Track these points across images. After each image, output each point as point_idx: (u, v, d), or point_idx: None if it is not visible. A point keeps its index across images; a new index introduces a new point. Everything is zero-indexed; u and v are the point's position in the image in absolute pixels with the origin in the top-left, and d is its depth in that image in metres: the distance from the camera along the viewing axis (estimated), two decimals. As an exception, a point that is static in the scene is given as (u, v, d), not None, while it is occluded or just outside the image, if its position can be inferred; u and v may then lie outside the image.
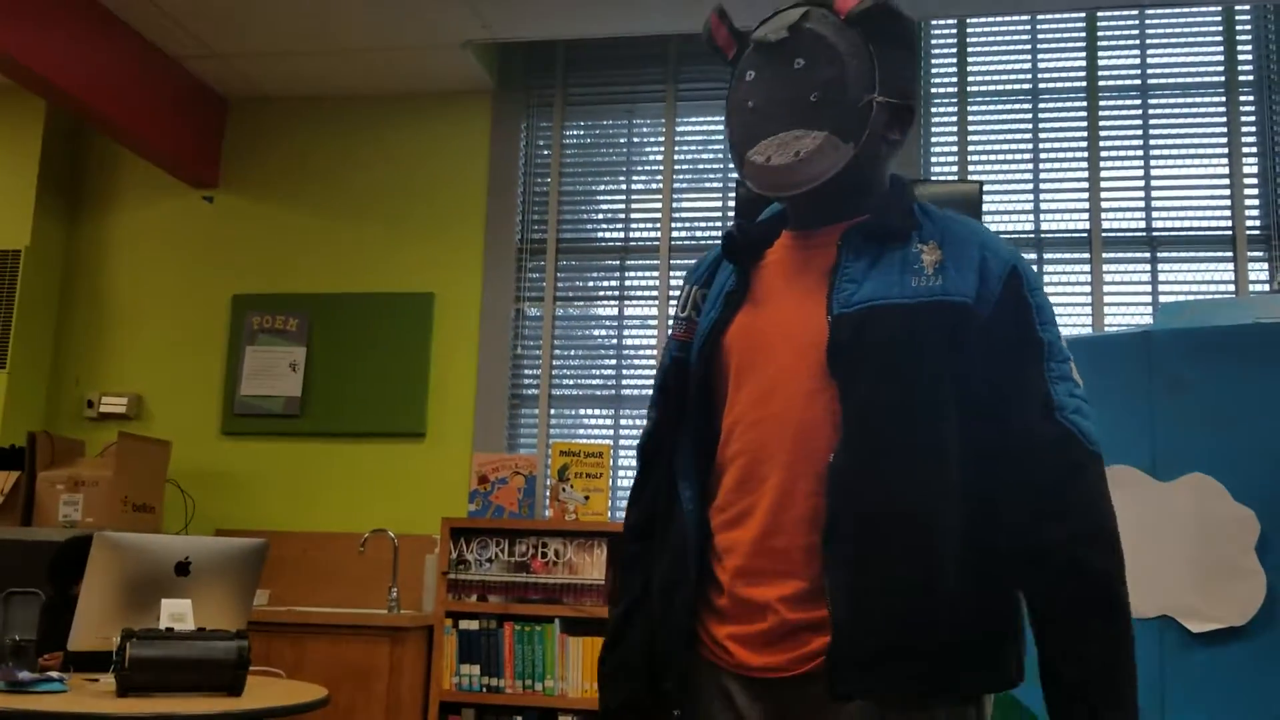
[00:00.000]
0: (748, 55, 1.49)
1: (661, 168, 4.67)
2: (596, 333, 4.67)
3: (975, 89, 4.52)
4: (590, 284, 4.70)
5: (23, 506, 4.13)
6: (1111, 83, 4.42)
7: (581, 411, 4.60)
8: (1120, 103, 4.41)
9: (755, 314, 1.48)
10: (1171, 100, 4.37)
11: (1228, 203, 4.25)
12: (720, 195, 4.63)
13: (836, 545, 1.36)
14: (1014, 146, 4.45)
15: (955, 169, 4.47)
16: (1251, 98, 4.31)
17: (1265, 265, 4.20)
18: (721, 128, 4.48)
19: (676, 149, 4.67)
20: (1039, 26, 4.51)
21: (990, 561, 1.38)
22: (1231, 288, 4.19)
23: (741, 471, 1.45)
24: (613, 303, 4.65)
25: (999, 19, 4.50)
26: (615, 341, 4.62)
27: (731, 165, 4.48)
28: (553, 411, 4.59)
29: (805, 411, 1.40)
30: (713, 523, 1.48)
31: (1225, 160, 4.28)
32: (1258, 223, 4.23)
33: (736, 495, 1.45)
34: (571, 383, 4.62)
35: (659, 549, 1.55)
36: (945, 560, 1.35)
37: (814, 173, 1.42)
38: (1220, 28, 4.37)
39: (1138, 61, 4.42)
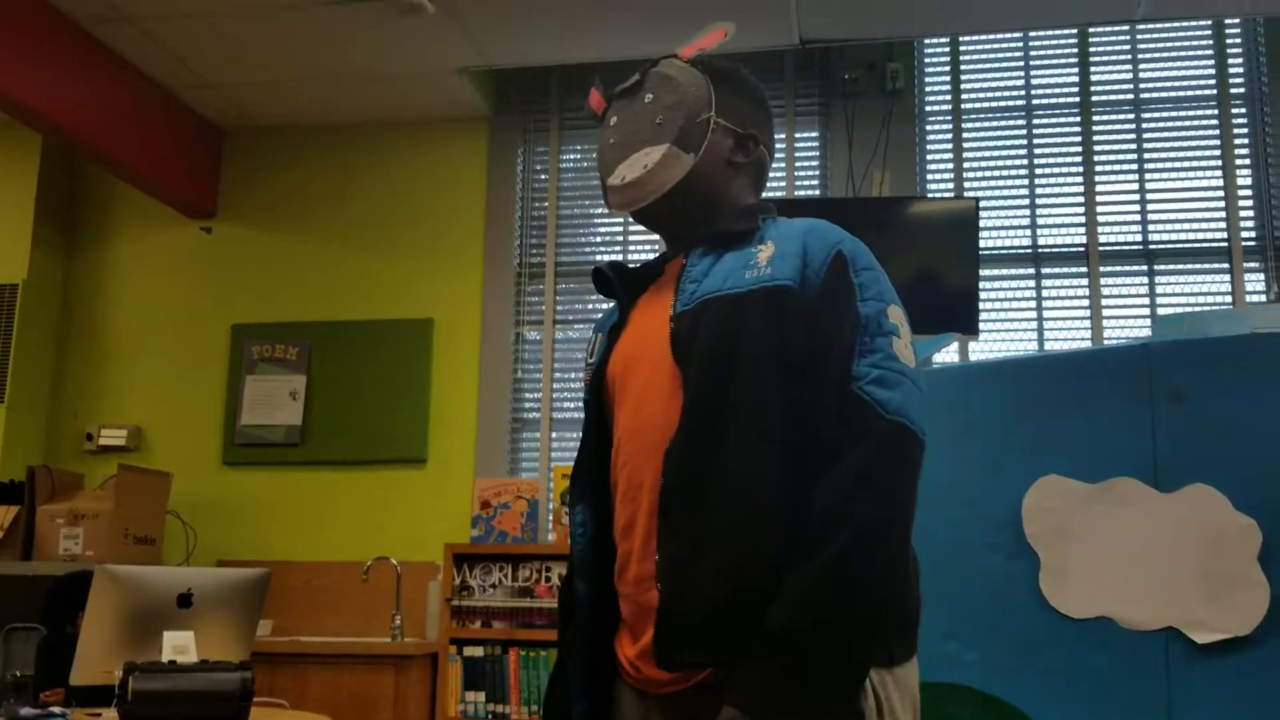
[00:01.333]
0: (612, 105, 1.68)
1: (658, 190, 4.68)
2: (596, 356, 4.66)
3: (969, 106, 4.54)
4: (589, 307, 4.70)
5: (22, 541, 4.12)
6: (1105, 98, 4.44)
7: (582, 435, 4.59)
8: (1114, 117, 4.42)
9: (628, 338, 1.60)
10: (1165, 114, 4.39)
11: (1223, 215, 4.26)
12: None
13: (667, 521, 1.43)
14: (1009, 162, 4.47)
15: (951, 186, 4.48)
16: (1243, 110, 4.33)
17: (1261, 276, 4.21)
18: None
19: (672, 171, 4.68)
20: (1031, 43, 4.53)
21: None
22: (1228, 299, 4.20)
23: (625, 482, 1.52)
24: (612, 325, 4.65)
25: (991, 36, 4.52)
26: (615, 364, 4.61)
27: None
28: (554, 435, 4.59)
29: (669, 410, 1.47)
30: (615, 539, 1.55)
31: (1219, 173, 4.29)
32: (1253, 234, 4.24)
33: (624, 506, 1.52)
34: (573, 405, 4.61)
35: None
36: (771, 532, 1.38)
37: (660, 180, 1.56)
38: (1211, 42, 4.39)
39: (1130, 76, 4.44)
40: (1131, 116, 4.41)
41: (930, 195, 4.47)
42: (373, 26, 4.05)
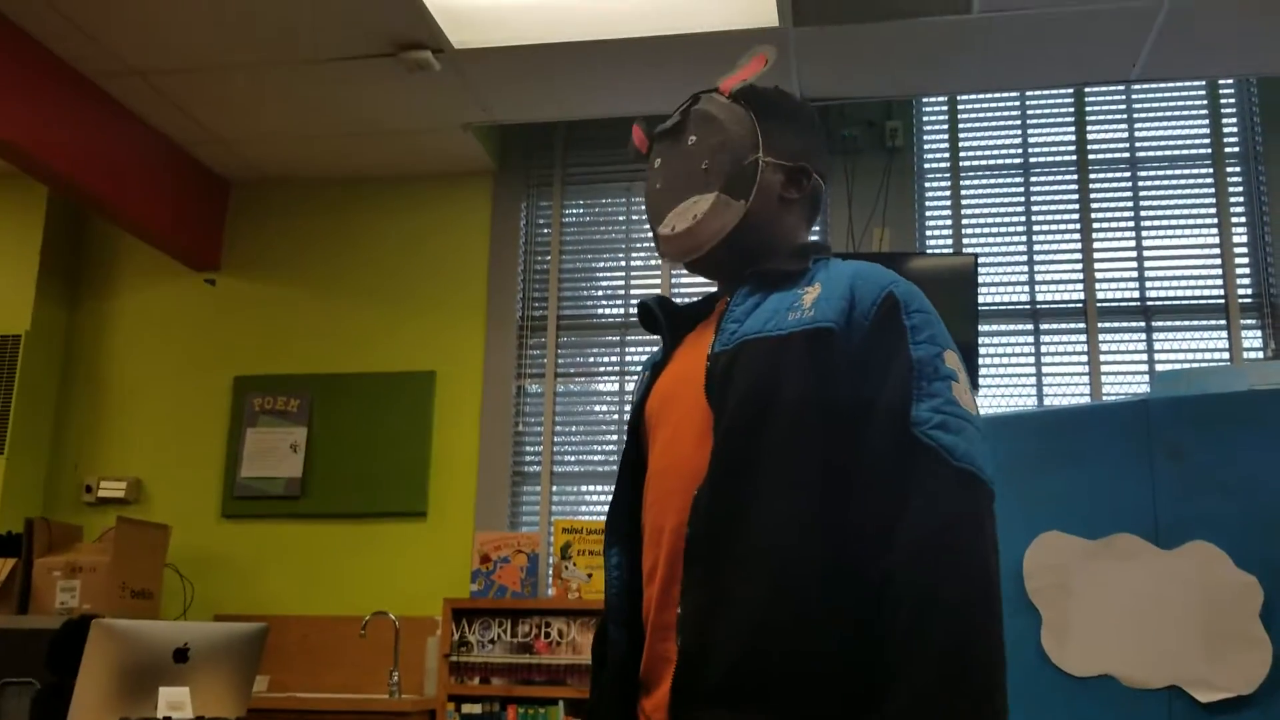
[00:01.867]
0: (654, 146, 1.62)
1: (659, 245, 4.71)
2: (598, 408, 4.67)
3: (968, 164, 4.58)
4: (591, 360, 4.72)
5: (19, 594, 4.09)
6: (1101, 156, 4.49)
7: (583, 488, 4.59)
8: (1110, 175, 4.47)
9: (667, 375, 1.55)
10: (1160, 173, 4.43)
11: (1219, 272, 4.29)
12: (717, 271, 4.67)
13: (692, 570, 1.36)
14: (1007, 220, 4.50)
15: (950, 242, 4.51)
16: (1238, 169, 4.37)
17: (1258, 333, 4.22)
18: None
19: (673, 226, 4.71)
20: (1028, 102, 4.59)
21: (863, 597, 1.28)
22: (1226, 355, 4.21)
23: (650, 526, 1.47)
24: (613, 378, 4.67)
25: (989, 96, 4.58)
26: (616, 417, 4.62)
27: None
28: (555, 488, 4.58)
29: (696, 453, 1.41)
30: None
31: (1215, 230, 4.33)
32: (1249, 291, 4.27)
33: (649, 551, 1.47)
34: (573, 459, 4.61)
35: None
36: (803, 590, 1.29)
37: (711, 231, 1.50)
38: (1205, 102, 4.45)
39: (1126, 135, 4.49)
40: (1128, 175, 4.45)
41: (929, 251, 4.50)
42: (380, 83, 4.11)
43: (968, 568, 1.25)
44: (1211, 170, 4.38)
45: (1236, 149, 4.39)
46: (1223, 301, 4.26)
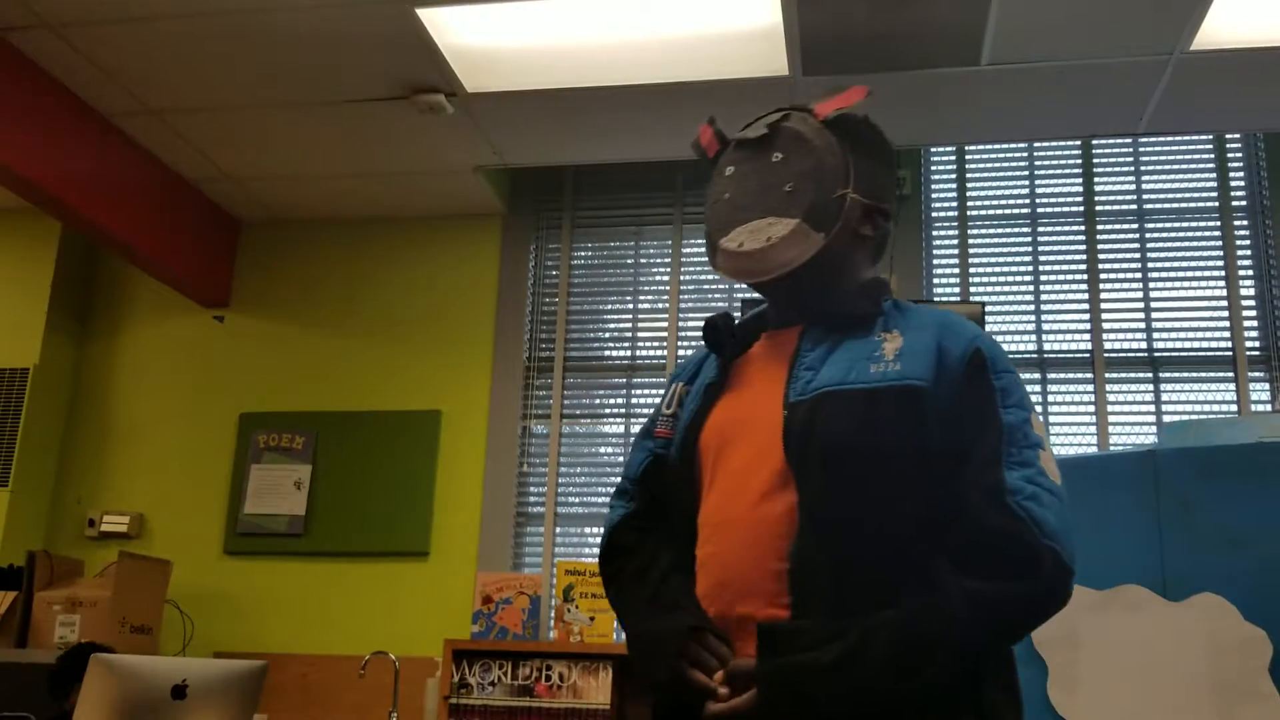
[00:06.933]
0: (728, 153, 1.53)
1: (668, 288, 4.73)
2: (603, 450, 4.67)
3: (975, 213, 4.60)
4: (597, 402, 4.72)
5: (18, 627, 4.07)
6: (1108, 207, 4.51)
7: (587, 530, 4.57)
8: (1118, 227, 4.48)
9: (728, 407, 1.48)
10: (1168, 225, 4.45)
11: (1226, 324, 4.29)
12: (725, 316, 4.67)
13: (799, 638, 1.33)
14: (1015, 269, 4.52)
15: (958, 291, 4.52)
16: (1245, 222, 4.39)
17: (1266, 385, 4.21)
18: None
19: (682, 270, 4.74)
20: (1036, 153, 4.62)
21: None
22: (1234, 407, 4.20)
23: (711, 579, 1.42)
24: (619, 420, 4.66)
25: (997, 146, 4.61)
26: (621, 459, 4.61)
27: (737, 285, 4.54)
28: (558, 530, 4.56)
29: (766, 506, 1.37)
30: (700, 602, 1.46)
31: (1222, 283, 4.33)
32: (1257, 344, 4.26)
33: (709, 601, 1.42)
34: (577, 500, 4.59)
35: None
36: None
37: (785, 258, 1.43)
38: (1212, 155, 4.47)
39: (1133, 187, 4.51)
40: (1135, 226, 4.47)
41: (937, 299, 4.51)
42: (392, 126, 4.15)
43: (998, 636, 1.31)
44: (1219, 223, 4.39)
45: (1243, 203, 4.41)
46: (1230, 353, 4.25)
